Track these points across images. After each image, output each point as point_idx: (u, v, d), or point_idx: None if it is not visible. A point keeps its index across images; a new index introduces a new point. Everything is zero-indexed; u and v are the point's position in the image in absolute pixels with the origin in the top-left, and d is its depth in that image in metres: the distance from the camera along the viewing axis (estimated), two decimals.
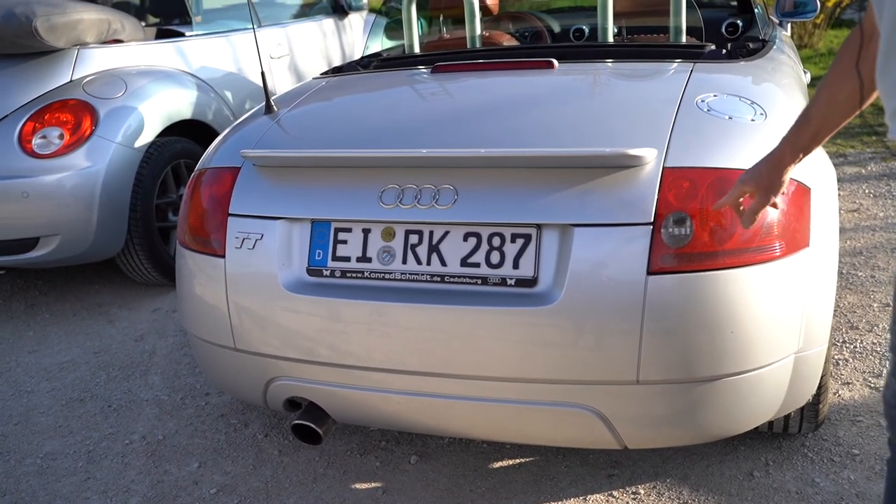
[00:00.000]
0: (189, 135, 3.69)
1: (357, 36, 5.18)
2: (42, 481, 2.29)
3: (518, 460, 2.19)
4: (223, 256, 1.98)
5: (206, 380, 2.78)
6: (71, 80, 3.30)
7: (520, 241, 1.74)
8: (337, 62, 4.89)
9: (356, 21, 5.23)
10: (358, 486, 2.15)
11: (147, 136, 3.32)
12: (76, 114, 3.17)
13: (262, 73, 2.26)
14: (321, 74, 2.69)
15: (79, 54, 3.34)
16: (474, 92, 2.18)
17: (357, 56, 5.14)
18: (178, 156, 3.49)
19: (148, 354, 3.02)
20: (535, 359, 1.69)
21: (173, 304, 3.44)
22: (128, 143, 3.24)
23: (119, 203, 3.22)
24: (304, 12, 4.77)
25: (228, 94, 3.87)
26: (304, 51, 4.58)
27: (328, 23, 4.90)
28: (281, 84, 4.32)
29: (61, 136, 3.13)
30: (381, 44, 5.32)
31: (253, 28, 2.89)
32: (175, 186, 3.54)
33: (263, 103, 2.39)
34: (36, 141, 3.11)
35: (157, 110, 3.39)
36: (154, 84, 3.45)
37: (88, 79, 3.32)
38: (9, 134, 3.13)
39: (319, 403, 1.98)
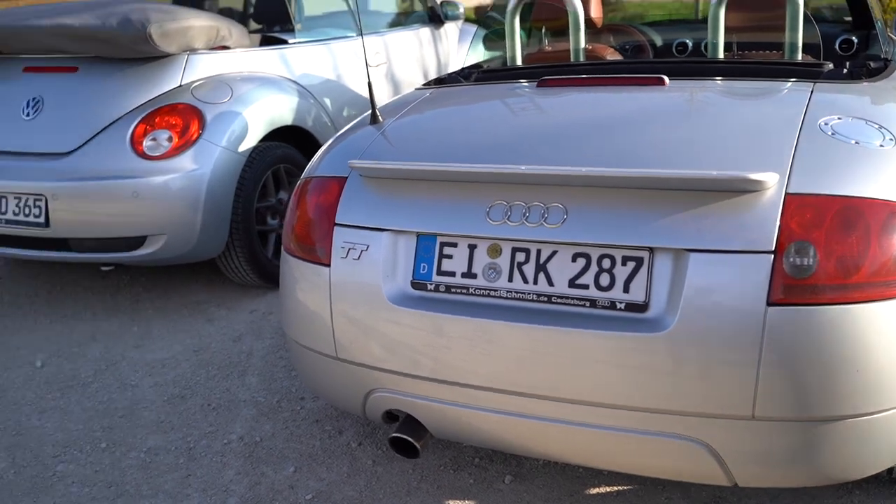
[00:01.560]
0: (289, 140, 3.76)
1: (452, 46, 5.20)
2: (145, 475, 2.36)
3: (615, 488, 2.14)
4: (328, 265, 2.00)
5: (301, 384, 2.83)
6: (180, 85, 3.41)
7: (631, 264, 1.70)
8: (433, 72, 4.91)
9: (451, 31, 5.25)
10: (451, 502, 2.14)
11: (250, 141, 3.40)
12: (185, 117, 3.27)
13: (370, 84, 2.27)
14: (423, 85, 2.70)
15: (188, 60, 3.44)
16: (583, 107, 2.15)
17: (453, 66, 5.16)
18: (279, 161, 3.56)
19: (245, 355, 3.09)
20: (643, 387, 1.65)
21: (270, 306, 3.51)
22: (232, 147, 3.32)
23: (222, 206, 3.30)
24: (401, 21, 4.82)
25: (327, 101, 3.93)
26: (401, 60, 4.62)
27: (424, 32, 4.93)
28: (379, 93, 4.36)
29: (170, 139, 3.24)
30: (480, 55, 5.32)
31: (361, 36, 2.92)
32: (275, 190, 3.61)
33: (367, 113, 2.41)
34: (146, 143, 3.23)
35: (261, 116, 3.47)
36: (258, 90, 3.53)
37: (197, 84, 3.42)
38: (121, 135, 3.25)
39: (418, 417, 1.98)
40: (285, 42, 3.96)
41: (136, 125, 3.26)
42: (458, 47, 5.27)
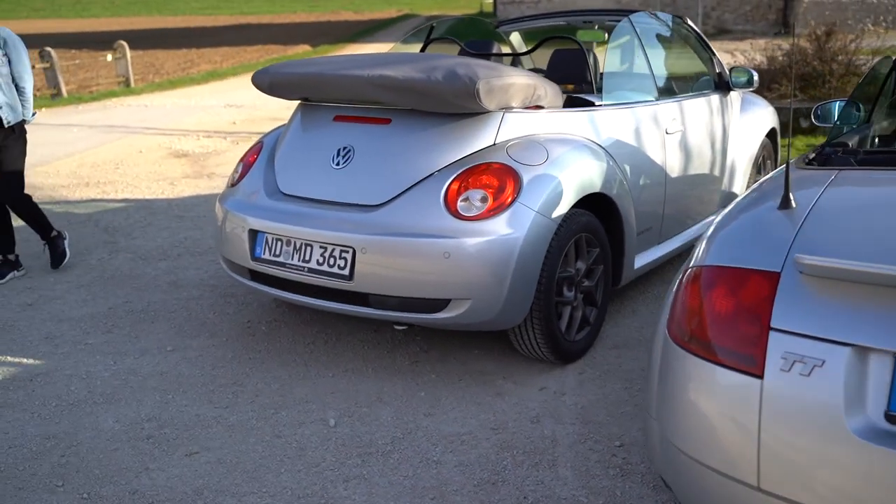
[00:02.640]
0: (589, 207, 3.51)
1: (735, 116, 4.81)
2: None
3: None
4: (760, 377, 1.68)
5: (627, 486, 2.50)
6: (494, 144, 3.25)
7: None
8: (719, 143, 4.55)
9: (735, 99, 4.87)
10: None
11: (563, 208, 3.17)
12: (500, 178, 3.10)
13: (787, 164, 1.96)
14: (804, 164, 2.33)
15: (504, 117, 3.29)
16: None
17: (738, 138, 4.77)
18: (582, 229, 3.31)
19: (549, 441, 2.81)
20: None
21: (561, 385, 3.23)
22: (546, 213, 3.10)
23: (530, 274, 3.08)
24: (691, 87, 4.50)
25: (627, 168, 3.66)
26: (694, 128, 4.29)
27: (714, 99, 4.59)
28: (672, 162, 4.06)
29: (484, 200, 3.07)
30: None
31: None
32: (574, 260, 3.36)
33: (750, 192, 2.09)
34: (460, 202, 3.07)
35: (574, 181, 3.24)
36: (572, 153, 3.31)
37: (512, 143, 3.25)
38: (436, 192, 3.11)
39: None
40: (591, 104, 3.74)
41: (451, 183, 3.12)
42: (740, 117, 4.87)
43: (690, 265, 2.00)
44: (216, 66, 18.78)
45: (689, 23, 4.69)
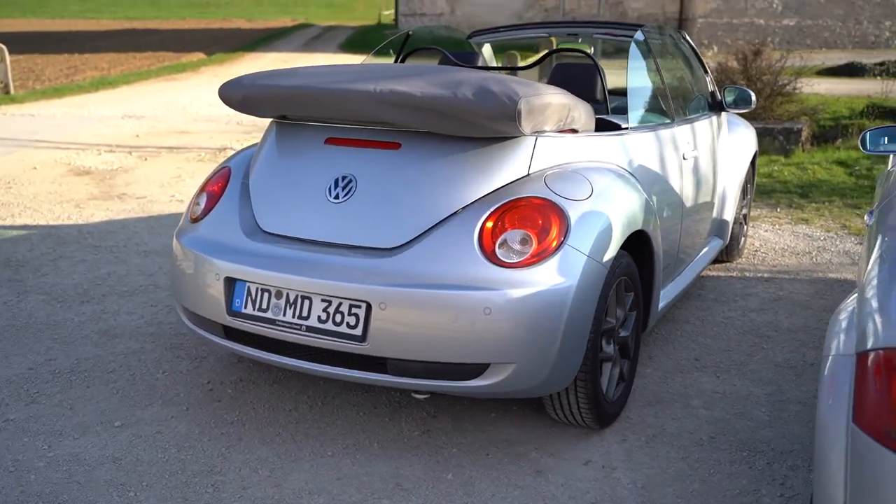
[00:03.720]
0: (625, 246, 3.05)
1: (724, 137, 4.50)
2: None
3: None
4: None
5: None
6: (528, 174, 2.75)
7: None
8: (716, 166, 4.21)
9: (724, 120, 4.56)
10: None
11: (612, 250, 2.70)
12: (544, 216, 2.59)
13: None
14: None
15: (537, 143, 2.79)
16: None
17: (728, 161, 4.45)
18: (623, 273, 2.85)
19: None
20: None
21: (607, 457, 2.75)
22: (597, 257, 2.62)
23: (581, 329, 2.59)
24: (695, 108, 4.14)
25: (655, 200, 3.23)
26: (703, 152, 3.94)
27: (714, 121, 4.26)
28: (687, 190, 3.67)
29: (525, 242, 2.56)
30: None
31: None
32: (615, 309, 2.89)
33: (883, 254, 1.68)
34: (498, 246, 2.55)
35: (621, 218, 2.78)
36: (615, 185, 2.85)
37: (549, 173, 2.75)
38: (467, 234, 2.58)
39: None
40: (616, 126, 3.29)
41: (483, 222, 2.59)
42: (728, 140, 4.56)
43: (869, 347, 1.61)
44: (104, 72, 17.44)
45: (687, 37, 4.34)
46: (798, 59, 9.96)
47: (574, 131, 2.94)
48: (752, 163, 5.05)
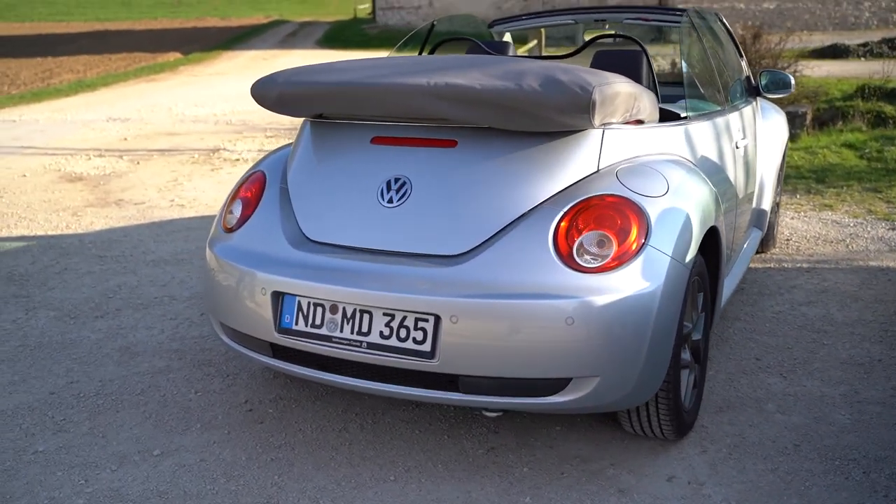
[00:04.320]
0: None
1: (760, 123, 4.32)
2: None
3: None
4: None
5: None
6: (598, 170, 2.55)
7: None
8: (757, 154, 4.03)
9: (758, 106, 4.38)
10: None
11: (693, 249, 2.51)
12: (622, 215, 2.39)
13: None
14: None
15: (605, 136, 2.58)
16: None
17: (765, 146, 4.28)
18: (697, 273, 2.67)
19: None
20: None
21: (691, 471, 2.57)
22: (680, 258, 2.43)
23: (666, 337, 2.40)
24: (736, 93, 3.96)
25: (717, 192, 3.04)
26: (750, 140, 3.76)
27: (755, 107, 4.09)
28: (740, 180, 3.49)
29: (603, 244, 2.36)
30: None
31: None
32: (690, 313, 2.70)
33: None
34: (576, 249, 2.35)
35: (699, 214, 2.60)
36: (689, 180, 2.66)
37: (620, 169, 2.55)
38: (540, 237, 2.37)
39: None
40: (676, 115, 3.10)
41: (557, 223, 2.39)
42: (763, 126, 4.39)
43: None
44: (80, 75, 16.99)
45: (723, 19, 4.15)
46: (780, 42, 9.84)
47: (640, 122, 2.74)
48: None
